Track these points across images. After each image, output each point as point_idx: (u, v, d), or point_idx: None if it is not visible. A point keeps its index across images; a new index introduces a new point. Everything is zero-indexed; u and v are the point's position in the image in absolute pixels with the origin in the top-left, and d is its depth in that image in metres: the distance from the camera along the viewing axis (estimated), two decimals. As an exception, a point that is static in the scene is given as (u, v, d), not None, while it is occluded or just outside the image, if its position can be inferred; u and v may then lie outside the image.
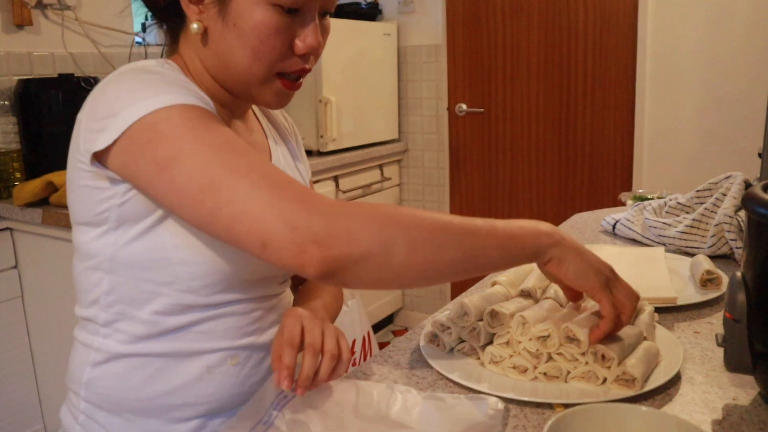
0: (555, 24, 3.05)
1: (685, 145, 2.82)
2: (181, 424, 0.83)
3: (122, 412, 0.83)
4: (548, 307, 0.91)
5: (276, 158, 0.95)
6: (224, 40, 0.80)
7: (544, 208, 3.23)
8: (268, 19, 0.77)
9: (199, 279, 0.80)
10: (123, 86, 0.75)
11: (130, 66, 0.80)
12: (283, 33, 0.78)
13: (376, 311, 3.39)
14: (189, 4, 0.80)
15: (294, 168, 0.99)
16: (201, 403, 0.83)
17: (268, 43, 0.78)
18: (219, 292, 0.82)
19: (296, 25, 0.79)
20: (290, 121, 1.08)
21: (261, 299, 0.88)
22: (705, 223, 1.37)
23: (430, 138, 3.45)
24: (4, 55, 2.25)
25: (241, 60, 0.79)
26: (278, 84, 0.82)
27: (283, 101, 0.86)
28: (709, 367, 0.89)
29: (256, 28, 0.77)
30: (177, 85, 0.75)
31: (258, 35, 0.77)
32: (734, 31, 2.64)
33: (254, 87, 0.82)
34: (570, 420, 0.65)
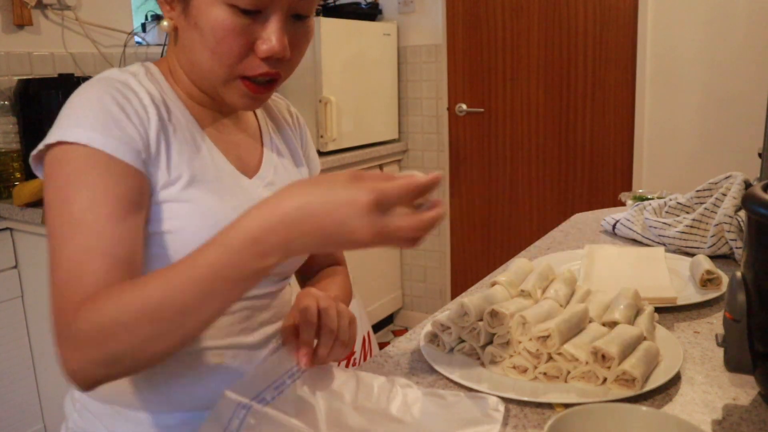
0: (555, 24, 3.05)
1: (685, 145, 2.82)
2: (168, 415, 0.83)
3: (111, 404, 0.84)
4: (548, 307, 0.91)
5: (267, 156, 0.93)
6: (189, 39, 0.80)
7: (544, 208, 3.23)
8: (223, 19, 0.75)
9: None
10: (70, 104, 0.77)
11: (100, 77, 0.81)
12: (241, 34, 0.76)
13: (376, 311, 3.39)
14: (163, 2, 0.81)
15: (289, 166, 0.96)
16: (186, 400, 0.83)
17: (224, 43, 0.77)
18: None
19: (258, 27, 0.77)
20: (295, 116, 1.05)
21: (249, 299, 0.87)
22: (705, 223, 1.37)
23: (430, 138, 3.45)
24: (4, 55, 2.25)
25: (203, 60, 0.79)
26: (242, 86, 0.81)
27: (250, 104, 0.83)
28: (709, 367, 0.89)
29: (212, 29, 0.76)
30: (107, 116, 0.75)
31: (214, 35, 0.76)
32: (734, 31, 2.64)
33: (219, 87, 0.81)
34: (570, 420, 0.65)
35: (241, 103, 0.83)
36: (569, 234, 1.61)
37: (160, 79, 0.86)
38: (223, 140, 0.88)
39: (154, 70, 0.86)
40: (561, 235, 1.60)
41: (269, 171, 0.92)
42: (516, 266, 1.06)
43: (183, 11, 0.79)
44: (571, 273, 1.04)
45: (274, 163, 0.93)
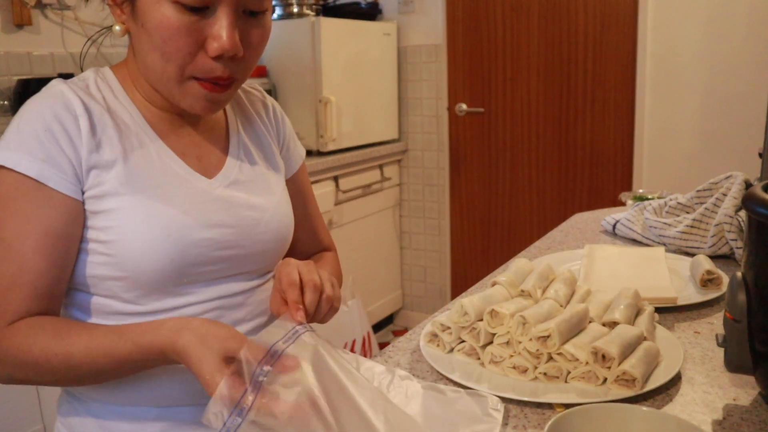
0: (555, 24, 3.05)
1: (685, 145, 2.82)
2: (148, 409, 0.84)
3: (96, 396, 0.86)
4: (548, 307, 0.91)
5: (232, 154, 0.92)
6: (139, 42, 0.79)
7: (544, 208, 3.23)
8: (168, 18, 0.74)
9: (130, 291, 0.81)
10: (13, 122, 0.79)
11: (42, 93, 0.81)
12: (188, 32, 0.75)
13: (376, 311, 3.39)
14: (113, 6, 0.81)
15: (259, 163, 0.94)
16: (160, 396, 0.84)
17: (172, 43, 0.75)
18: (158, 299, 0.82)
19: (207, 24, 0.75)
20: (272, 108, 1.02)
21: (220, 299, 0.86)
22: (705, 223, 1.37)
23: (430, 138, 3.45)
24: (3, 55, 2.25)
25: (153, 62, 0.78)
26: (196, 87, 0.79)
27: (209, 106, 0.82)
28: (710, 367, 0.89)
29: (158, 28, 0.75)
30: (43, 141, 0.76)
31: (161, 35, 0.75)
32: (734, 31, 2.64)
33: (173, 90, 0.80)
34: (570, 420, 0.65)
35: (197, 106, 0.81)
36: (569, 234, 1.61)
37: (113, 84, 0.85)
38: (180, 142, 0.87)
39: (108, 75, 0.86)
40: (561, 235, 1.60)
41: (233, 170, 0.90)
42: (516, 266, 1.05)
43: (131, 13, 0.78)
44: (571, 273, 1.04)
45: (239, 163, 0.91)
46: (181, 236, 0.81)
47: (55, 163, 0.77)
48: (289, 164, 1.02)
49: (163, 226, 0.80)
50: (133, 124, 0.84)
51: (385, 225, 3.45)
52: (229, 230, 0.86)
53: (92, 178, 0.79)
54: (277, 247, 0.93)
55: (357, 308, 2.76)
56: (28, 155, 0.76)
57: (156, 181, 0.82)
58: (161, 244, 0.79)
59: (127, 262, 0.79)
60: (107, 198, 0.79)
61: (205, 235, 0.83)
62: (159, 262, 0.79)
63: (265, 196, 0.92)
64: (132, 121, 0.84)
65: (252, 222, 0.88)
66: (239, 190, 0.89)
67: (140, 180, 0.81)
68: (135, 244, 0.79)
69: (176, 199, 0.82)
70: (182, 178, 0.84)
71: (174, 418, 0.85)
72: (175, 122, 0.87)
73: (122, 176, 0.80)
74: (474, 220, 3.42)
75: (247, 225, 0.88)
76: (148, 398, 0.84)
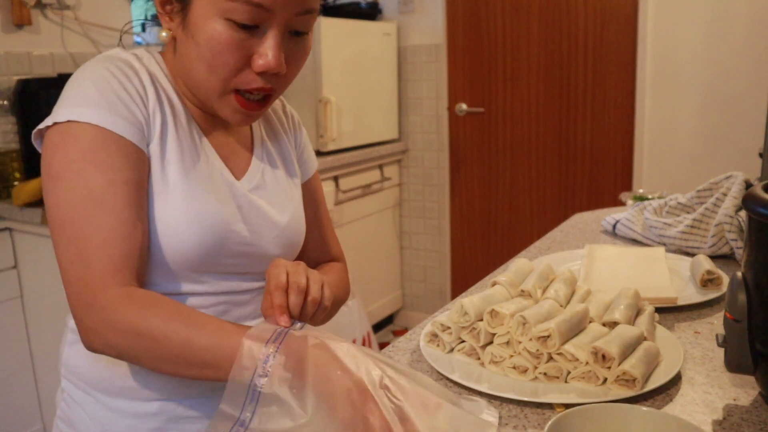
0: (555, 24, 3.05)
1: (686, 145, 2.82)
2: (145, 404, 0.85)
3: (92, 392, 0.87)
4: (548, 307, 0.91)
5: (256, 160, 0.94)
6: (186, 51, 0.81)
7: (544, 208, 3.23)
8: (220, 33, 0.76)
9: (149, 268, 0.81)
10: (76, 81, 0.79)
11: (104, 57, 0.83)
12: (237, 48, 0.77)
13: (376, 311, 3.39)
14: (162, 13, 0.82)
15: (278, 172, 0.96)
16: (161, 389, 0.85)
17: (221, 57, 0.77)
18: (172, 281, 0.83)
19: (255, 42, 0.78)
20: (290, 115, 1.05)
21: (228, 294, 0.88)
22: (705, 223, 1.37)
23: (430, 138, 3.45)
24: (3, 55, 2.25)
25: (198, 72, 0.80)
26: (234, 102, 0.82)
27: (243, 119, 0.84)
28: (710, 367, 0.89)
29: (209, 42, 0.77)
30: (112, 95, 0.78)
31: (211, 49, 0.77)
32: (735, 31, 2.64)
33: (213, 100, 0.82)
34: (570, 420, 0.65)
35: (233, 117, 0.84)
36: (569, 234, 1.61)
37: (163, 68, 0.87)
38: (214, 139, 0.89)
39: (159, 59, 0.88)
40: (561, 235, 1.60)
41: (257, 174, 0.93)
42: (516, 266, 1.05)
43: (182, 23, 0.80)
44: (571, 273, 1.04)
45: (262, 167, 0.94)
46: (213, 223, 0.82)
47: (134, 120, 0.79)
48: (303, 172, 1.05)
49: (200, 210, 0.82)
50: (180, 106, 0.86)
51: (385, 225, 3.45)
52: (249, 228, 0.88)
53: (152, 145, 0.81)
54: (288, 252, 0.95)
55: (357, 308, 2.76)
56: (110, 110, 0.77)
57: (197, 166, 0.84)
58: (194, 227, 0.81)
59: (157, 238, 0.80)
60: (158, 168, 0.81)
61: (233, 228, 0.85)
62: (187, 243, 0.81)
63: (284, 203, 0.94)
64: (180, 103, 0.87)
65: (270, 225, 0.91)
66: (261, 194, 0.91)
67: (185, 159, 0.83)
68: (173, 221, 0.80)
69: (213, 187, 0.85)
70: (218, 171, 0.87)
71: (172, 412, 0.86)
72: (209, 120, 0.90)
73: (174, 151, 0.82)
74: (474, 220, 3.42)
75: (266, 228, 0.90)
76: (146, 392, 0.84)
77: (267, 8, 0.75)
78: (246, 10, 0.75)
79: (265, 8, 0.75)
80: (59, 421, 0.93)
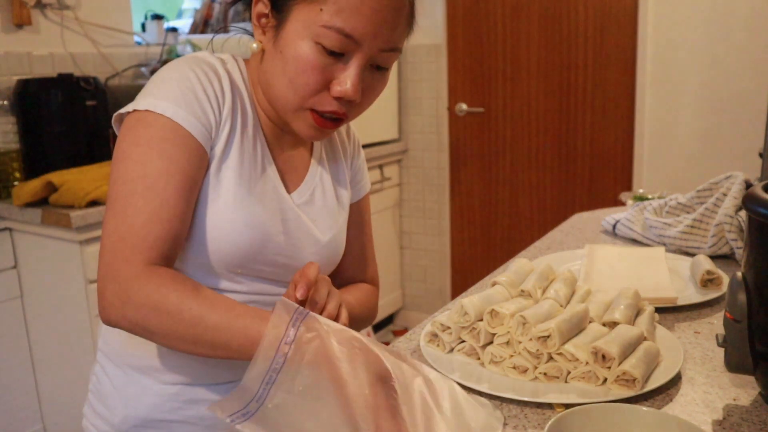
0: (555, 24, 3.05)
1: (685, 145, 2.82)
2: (167, 386, 0.90)
3: (124, 366, 0.92)
4: (548, 307, 0.91)
5: (310, 178, 0.97)
6: (272, 64, 0.85)
7: (544, 208, 3.23)
8: (308, 55, 0.80)
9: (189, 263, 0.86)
10: (161, 75, 0.85)
11: (193, 56, 0.88)
12: (320, 72, 0.81)
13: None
14: (256, 26, 0.87)
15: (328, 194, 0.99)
16: (188, 373, 0.90)
17: (303, 77, 0.81)
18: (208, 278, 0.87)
19: (338, 68, 0.82)
20: (353, 138, 1.08)
21: (259, 295, 0.92)
22: (705, 223, 1.37)
23: (430, 138, 3.45)
24: (3, 55, 2.25)
25: (280, 85, 0.84)
26: (309, 118, 0.85)
27: (315, 134, 0.88)
28: (710, 367, 0.89)
29: (296, 60, 0.81)
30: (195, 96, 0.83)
31: (296, 67, 0.81)
32: (734, 30, 2.64)
33: (289, 114, 0.86)
34: (570, 420, 0.65)
35: (305, 132, 0.88)
36: (569, 234, 1.61)
37: (245, 77, 0.92)
38: (277, 151, 0.94)
39: (242, 66, 0.92)
40: (561, 235, 1.60)
41: (307, 192, 0.96)
42: (516, 266, 1.05)
43: (273, 38, 0.84)
44: (571, 273, 1.04)
45: (315, 184, 0.98)
46: (259, 229, 0.87)
47: (205, 121, 0.83)
48: (354, 193, 1.07)
49: (248, 214, 0.86)
50: (252, 117, 0.91)
51: (385, 225, 3.45)
52: (290, 241, 0.92)
53: (217, 148, 0.86)
54: (324, 268, 0.98)
55: (357, 308, 2.76)
56: (185, 107, 0.82)
57: (255, 176, 0.89)
58: (240, 230, 0.85)
59: (202, 235, 0.85)
60: (218, 170, 0.85)
61: (274, 238, 0.89)
62: (231, 245, 0.85)
63: (327, 222, 0.98)
64: (252, 114, 0.91)
65: (310, 240, 0.94)
66: (307, 211, 0.95)
67: (244, 166, 0.87)
68: (219, 221, 0.84)
69: (264, 198, 0.89)
70: (273, 183, 0.91)
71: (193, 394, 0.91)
72: (276, 133, 0.94)
73: (235, 158, 0.87)
74: (474, 220, 3.42)
75: (306, 242, 0.94)
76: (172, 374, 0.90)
77: (356, 40, 0.80)
78: (336, 38, 0.79)
79: (355, 40, 0.80)
80: (90, 394, 0.98)
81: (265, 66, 0.87)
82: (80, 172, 2.03)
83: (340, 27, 0.78)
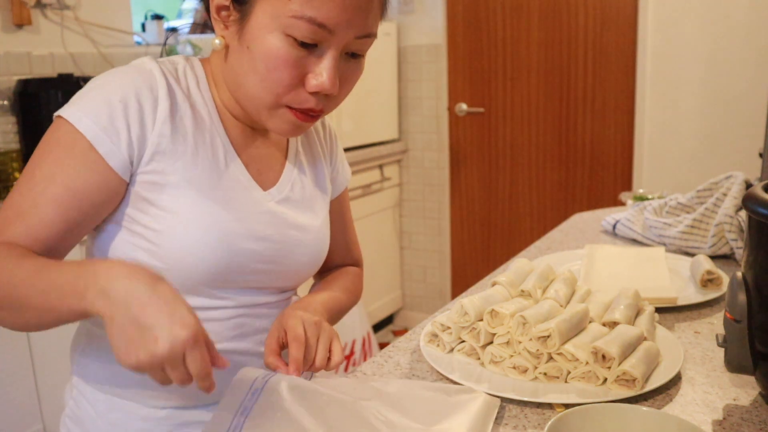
0: (555, 24, 3.05)
1: (686, 145, 2.82)
2: (156, 410, 0.85)
3: (104, 392, 0.86)
4: (548, 307, 0.91)
5: (288, 172, 0.92)
6: (238, 61, 0.79)
7: (544, 208, 3.23)
8: (278, 49, 0.75)
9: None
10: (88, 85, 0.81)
11: (131, 64, 0.82)
12: (294, 66, 0.76)
13: (376, 311, 3.39)
14: (217, 19, 0.80)
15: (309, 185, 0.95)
16: (174, 396, 0.85)
17: (275, 73, 0.76)
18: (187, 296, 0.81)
19: (311, 60, 0.77)
20: (328, 127, 1.04)
21: (247, 307, 0.88)
22: (705, 223, 1.37)
23: (430, 138, 3.45)
24: (3, 55, 2.25)
25: (250, 84, 0.79)
26: (288, 114, 0.80)
27: (293, 130, 0.83)
28: (710, 367, 0.89)
29: (266, 56, 0.75)
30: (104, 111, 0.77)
31: (266, 63, 0.76)
32: (734, 30, 2.64)
33: (263, 112, 0.81)
34: (570, 420, 0.65)
35: (281, 129, 0.83)
36: (569, 234, 1.61)
37: (200, 77, 0.86)
38: (246, 151, 0.88)
39: (197, 66, 0.87)
40: (561, 235, 1.60)
41: (286, 187, 0.91)
42: (516, 266, 1.05)
43: (237, 32, 0.78)
44: (571, 273, 1.04)
45: (293, 179, 0.93)
46: (229, 243, 0.82)
47: (116, 135, 0.77)
48: (335, 186, 1.04)
49: (216, 230, 0.81)
50: (209, 121, 0.85)
51: (385, 225, 3.45)
52: (272, 245, 0.87)
53: (155, 164, 0.80)
54: (311, 269, 0.95)
55: (357, 308, 2.76)
56: (93, 118, 0.76)
57: (217, 184, 0.83)
58: (210, 247, 0.80)
59: (170, 256, 0.79)
60: (168, 188, 0.80)
61: (251, 246, 0.84)
62: (202, 263, 0.80)
63: (310, 218, 0.93)
64: (209, 118, 0.85)
65: (294, 241, 0.90)
66: (288, 207, 0.90)
67: (203, 178, 0.82)
68: (184, 241, 0.79)
69: (232, 205, 0.83)
70: (243, 186, 0.86)
71: (181, 417, 0.86)
72: (246, 131, 0.89)
73: (188, 170, 0.81)
74: (474, 220, 3.42)
75: (290, 243, 0.89)
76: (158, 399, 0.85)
77: (329, 29, 0.74)
78: (308, 28, 0.73)
79: (328, 29, 0.74)
80: (67, 419, 0.91)
81: (231, 64, 0.80)
82: (80, 172, 2.02)
83: (311, 16, 0.72)
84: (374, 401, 0.73)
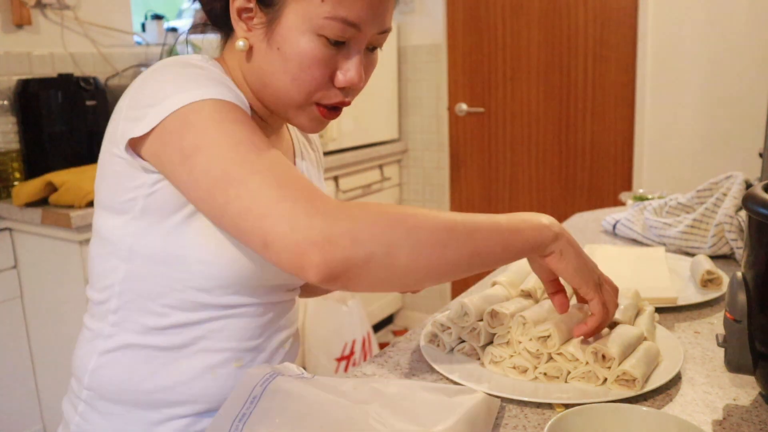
0: (555, 24, 3.05)
1: (686, 145, 2.82)
2: (177, 420, 0.84)
3: (122, 403, 0.84)
4: (548, 307, 0.91)
5: (299, 168, 0.96)
6: (267, 62, 0.80)
7: (544, 208, 3.23)
8: (311, 49, 0.77)
9: (214, 279, 0.80)
10: (166, 77, 0.76)
11: (174, 59, 0.81)
12: (325, 64, 0.78)
13: (376, 311, 3.39)
14: (238, 21, 0.80)
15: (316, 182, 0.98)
16: (199, 402, 0.84)
17: (308, 72, 0.78)
18: (232, 293, 0.83)
19: (340, 58, 0.79)
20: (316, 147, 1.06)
21: (273, 304, 0.89)
22: (705, 223, 1.37)
23: (430, 138, 3.45)
24: (3, 55, 2.25)
25: (280, 84, 0.80)
26: (315, 111, 0.83)
27: (317, 127, 0.86)
28: (710, 367, 0.89)
29: (299, 56, 0.77)
30: (216, 81, 0.77)
31: (299, 63, 0.77)
32: (734, 30, 2.64)
33: (291, 110, 0.83)
34: (570, 420, 0.65)
35: (308, 126, 0.85)
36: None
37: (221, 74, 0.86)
38: None
39: (217, 65, 0.86)
40: (561, 235, 1.59)
41: None
42: (516, 266, 1.05)
43: (266, 34, 0.79)
44: (571, 273, 1.03)
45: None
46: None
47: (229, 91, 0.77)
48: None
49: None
50: None
51: (385, 225, 3.44)
52: None
53: None
54: None
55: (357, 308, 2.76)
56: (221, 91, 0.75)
57: None
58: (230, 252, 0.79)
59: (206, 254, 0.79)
60: None
61: None
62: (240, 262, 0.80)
63: None
64: None
65: None
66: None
67: None
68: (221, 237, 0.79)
69: None
70: None
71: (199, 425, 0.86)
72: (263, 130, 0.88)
73: None
74: (474, 220, 3.42)
75: None
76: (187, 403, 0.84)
77: (359, 27, 0.77)
78: (340, 27, 0.76)
79: (358, 27, 0.77)
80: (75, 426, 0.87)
81: (258, 64, 0.81)
82: (80, 172, 2.03)
83: (344, 16, 0.75)
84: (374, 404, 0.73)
